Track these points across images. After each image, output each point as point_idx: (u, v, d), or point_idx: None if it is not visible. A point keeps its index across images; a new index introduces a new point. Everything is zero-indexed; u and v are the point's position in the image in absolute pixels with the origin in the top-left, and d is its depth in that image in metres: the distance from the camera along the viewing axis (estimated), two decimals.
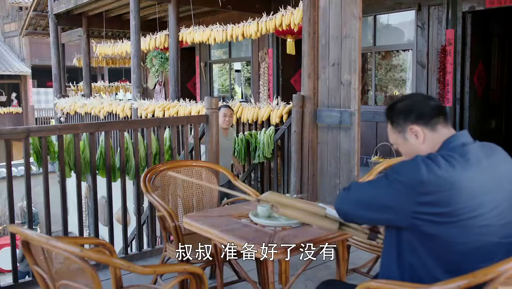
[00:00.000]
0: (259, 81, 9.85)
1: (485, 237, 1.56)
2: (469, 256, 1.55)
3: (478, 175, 1.57)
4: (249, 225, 2.23)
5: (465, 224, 1.53)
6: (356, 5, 4.63)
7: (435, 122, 1.68)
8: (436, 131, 1.68)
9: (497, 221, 1.58)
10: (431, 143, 1.68)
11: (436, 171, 1.53)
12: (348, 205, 1.72)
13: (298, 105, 5.08)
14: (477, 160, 1.60)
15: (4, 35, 22.64)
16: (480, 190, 1.56)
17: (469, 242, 1.54)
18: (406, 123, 1.70)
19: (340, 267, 2.35)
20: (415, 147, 1.70)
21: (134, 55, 7.84)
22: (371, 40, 7.87)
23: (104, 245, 1.87)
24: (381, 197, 1.62)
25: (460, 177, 1.54)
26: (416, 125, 1.68)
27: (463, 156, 1.59)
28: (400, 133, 1.73)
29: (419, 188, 1.53)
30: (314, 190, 5.17)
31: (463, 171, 1.55)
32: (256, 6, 8.67)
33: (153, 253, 3.88)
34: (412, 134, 1.70)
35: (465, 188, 1.53)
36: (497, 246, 1.58)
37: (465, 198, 1.52)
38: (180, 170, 3.07)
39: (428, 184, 1.52)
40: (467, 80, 6.83)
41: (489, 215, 1.56)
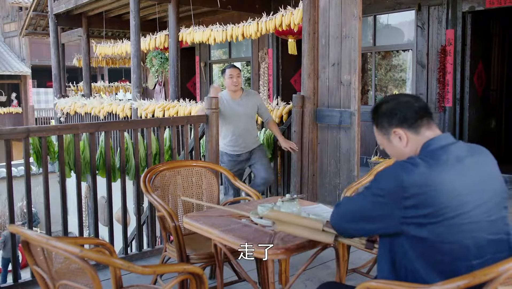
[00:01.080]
0: (259, 81, 9.85)
1: (474, 234, 1.57)
2: (460, 255, 1.56)
3: (459, 174, 1.59)
4: (249, 225, 2.23)
5: (450, 222, 1.55)
6: (356, 5, 4.64)
7: (418, 125, 1.70)
8: (419, 134, 1.70)
9: (485, 218, 1.59)
10: (414, 146, 1.71)
11: (415, 174, 1.56)
12: (341, 219, 1.80)
13: (298, 105, 5.08)
14: (458, 159, 1.62)
15: (4, 35, 22.64)
16: (463, 189, 1.57)
17: (457, 241, 1.56)
18: (390, 126, 1.73)
19: (340, 267, 2.35)
20: (399, 149, 1.74)
21: (134, 55, 7.84)
22: (371, 40, 7.87)
23: (104, 245, 1.87)
24: (368, 208, 1.67)
25: (440, 177, 1.56)
26: (399, 129, 1.71)
27: (441, 157, 1.62)
28: (384, 135, 1.77)
29: (402, 193, 1.56)
30: (314, 189, 5.17)
31: (442, 171, 1.57)
32: (256, 6, 8.67)
33: (153, 253, 3.88)
34: (396, 136, 1.73)
35: (446, 187, 1.55)
36: (487, 242, 1.59)
37: (447, 197, 1.54)
38: (180, 170, 3.07)
39: (409, 187, 1.55)
40: (467, 80, 6.83)
41: (474, 212, 1.57)
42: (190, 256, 2.64)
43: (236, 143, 4.62)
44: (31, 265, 1.78)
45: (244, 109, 4.65)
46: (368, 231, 1.74)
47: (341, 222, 1.79)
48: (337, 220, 1.81)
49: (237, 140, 4.61)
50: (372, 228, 1.70)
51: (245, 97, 4.68)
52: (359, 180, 3.01)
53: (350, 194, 2.91)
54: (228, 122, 4.59)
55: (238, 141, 4.61)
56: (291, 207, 2.25)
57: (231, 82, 4.57)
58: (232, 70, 4.60)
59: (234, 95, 4.63)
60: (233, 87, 4.58)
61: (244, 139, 4.64)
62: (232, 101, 4.60)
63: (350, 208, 1.76)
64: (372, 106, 1.84)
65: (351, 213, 1.75)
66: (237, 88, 4.61)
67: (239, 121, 4.61)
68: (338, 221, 1.81)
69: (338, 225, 1.81)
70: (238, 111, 4.61)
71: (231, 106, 4.59)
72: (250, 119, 4.70)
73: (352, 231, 1.79)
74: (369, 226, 1.68)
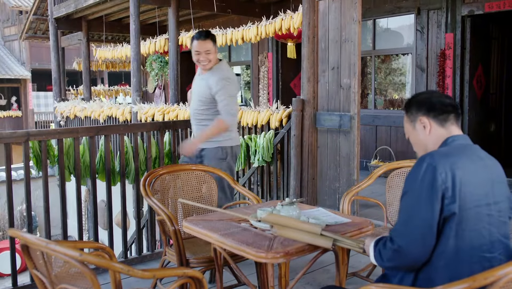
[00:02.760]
0: (259, 85, 9.86)
1: (490, 227, 1.65)
2: (477, 245, 1.63)
3: (482, 169, 1.69)
4: (249, 229, 2.23)
5: (476, 210, 1.63)
6: (356, 9, 4.65)
7: (445, 119, 1.78)
8: (443, 127, 1.78)
9: (498, 216, 1.68)
10: (436, 137, 1.79)
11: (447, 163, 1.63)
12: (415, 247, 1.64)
13: (297, 109, 5.08)
14: (479, 157, 1.73)
15: (4, 39, 22.67)
16: (486, 182, 1.67)
17: (478, 229, 1.63)
18: (418, 113, 1.82)
19: (339, 271, 2.35)
20: (421, 136, 1.82)
21: (134, 59, 7.85)
22: (371, 44, 7.88)
23: (104, 249, 1.87)
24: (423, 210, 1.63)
25: (468, 165, 1.66)
26: (425, 117, 1.80)
27: (466, 151, 1.72)
28: (411, 122, 1.85)
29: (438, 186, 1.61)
30: (313, 193, 5.17)
31: (470, 162, 1.67)
32: (256, 10, 8.69)
33: (153, 257, 3.87)
34: (421, 125, 1.81)
35: (475, 177, 1.65)
36: (498, 241, 1.67)
37: (475, 185, 1.64)
38: (180, 173, 3.07)
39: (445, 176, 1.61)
40: (466, 83, 6.84)
41: (493, 207, 1.66)
42: (189, 260, 2.63)
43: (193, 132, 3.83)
44: (30, 269, 1.78)
45: (196, 89, 3.67)
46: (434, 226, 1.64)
47: (416, 247, 1.64)
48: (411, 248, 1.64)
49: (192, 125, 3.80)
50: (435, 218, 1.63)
51: (208, 74, 3.58)
52: (359, 184, 3.01)
53: (349, 200, 2.90)
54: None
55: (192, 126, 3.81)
56: (291, 211, 2.25)
57: (197, 59, 3.54)
58: (200, 44, 3.48)
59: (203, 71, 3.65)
60: (200, 66, 3.60)
61: (194, 128, 3.78)
62: (197, 75, 3.72)
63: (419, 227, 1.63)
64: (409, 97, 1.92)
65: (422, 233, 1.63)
66: (206, 68, 3.57)
67: (192, 102, 3.72)
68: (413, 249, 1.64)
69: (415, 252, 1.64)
70: (194, 89, 3.72)
71: (195, 81, 3.73)
72: (199, 104, 3.63)
73: (431, 243, 1.65)
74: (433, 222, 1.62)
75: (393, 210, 3.01)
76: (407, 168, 2.98)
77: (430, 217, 1.61)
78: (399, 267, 1.70)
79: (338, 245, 1.98)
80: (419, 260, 1.65)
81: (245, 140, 5.62)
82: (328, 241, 1.95)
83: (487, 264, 1.63)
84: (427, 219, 1.61)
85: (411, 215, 1.65)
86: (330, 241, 1.95)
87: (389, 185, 3.04)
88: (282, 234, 2.04)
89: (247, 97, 10.97)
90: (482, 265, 1.63)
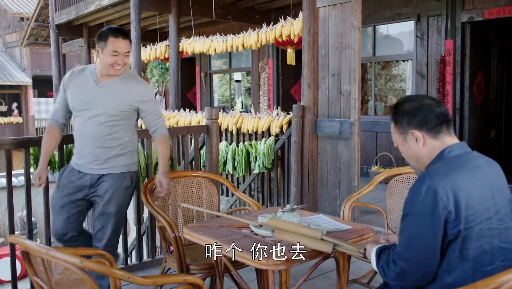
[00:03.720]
0: (259, 91, 9.87)
1: (491, 240, 1.61)
2: (479, 261, 1.60)
3: (482, 181, 1.64)
4: (250, 236, 2.23)
5: (479, 227, 1.59)
6: (356, 16, 4.66)
7: (438, 131, 1.71)
8: (437, 139, 1.71)
9: (499, 225, 1.63)
10: (429, 150, 1.72)
11: (447, 182, 1.58)
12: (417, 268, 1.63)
13: (298, 116, 5.09)
14: (477, 167, 1.67)
15: (6, 46, 22.73)
16: (485, 194, 1.63)
17: (481, 246, 1.60)
18: (409, 126, 1.73)
19: (340, 278, 2.34)
20: (413, 150, 1.75)
21: (134, 66, 7.87)
22: (371, 50, 7.90)
23: (104, 256, 1.87)
24: (425, 234, 1.60)
25: (468, 182, 1.61)
26: (417, 131, 1.72)
27: (464, 164, 1.66)
28: (401, 134, 1.77)
29: (440, 211, 1.57)
30: (314, 199, 5.16)
31: (469, 177, 1.62)
32: (256, 17, 8.72)
33: (153, 264, 3.86)
34: (413, 138, 1.73)
35: (475, 193, 1.60)
36: (499, 249, 1.63)
37: (476, 202, 1.59)
38: (180, 180, 3.07)
39: (445, 196, 1.57)
40: (466, 90, 6.85)
41: (494, 219, 1.62)
42: (190, 266, 2.63)
43: (77, 150, 2.94)
44: (31, 276, 1.77)
45: (100, 99, 2.83)
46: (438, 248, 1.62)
47: (418, 271, 1.62)
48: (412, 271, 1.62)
49: (78, 146, 2.93)
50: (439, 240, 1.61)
51: (121, 81, 2.88)
52: (360, 190, 3.01)
53: (350, 206, 2.90)
54: (74, 112, 2.91)
55: (78, 148, 2.93)
56: (292, 218, 2.25)
57: (112, 62, 2.78)
58: (120, 43, 2.78)
59: (101, 74, 2.86)
60: (112, 70, 2.82)
61: (83, 147, 2.90)
62: (93, 82, 2.86)
63: (422, 252, 1.60)
64: (394, 103, 1.83)
65: (424, 258, 1.61)
66: (118, 73, 2.85)
67: (87, 114, 2.84)
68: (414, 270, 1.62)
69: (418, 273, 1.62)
70: (90, 99, 2.84)
71: (87, 90, 2.84)
72: (108, 118, 2.84)
73: (434, 266, 1.63)
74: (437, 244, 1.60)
75: (393, 217, 3.01)
76: (407, 174, 2.98)
77: (432, 241, 1.58)
78: (404, 287, 1.70)
79: (338, 249, 1.98)
80: (422, 281, 1.64)
81: (246, 147, 5.63)
82: (328, 246, 1.95)
83: (488, 276, 1.61)
84: (430, 244, 1.58)
85: (413, 240, 1.62)
86: (330, 246, 1.94)
87: (390, 191, 3.04)
88: (283, 239, 2.04)
89: (248, 104, 10.98)
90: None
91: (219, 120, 4.24)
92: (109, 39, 2.76)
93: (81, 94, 2.85)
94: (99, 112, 2.82)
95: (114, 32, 2.79)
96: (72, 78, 2.91)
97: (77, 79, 2.89)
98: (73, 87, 2.88)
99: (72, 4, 9.79)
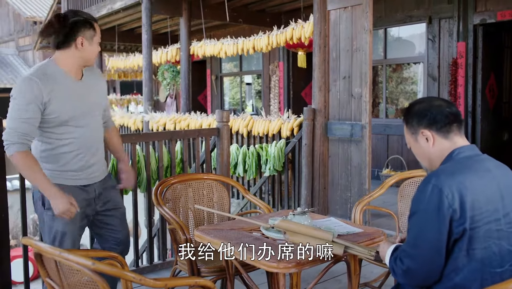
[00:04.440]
0: (270, 94, 9.88)
1: (500, 242, 1.62)
2: (487, 262, 1.60)
3: (490, 183, 1.65)
4: (261, 238, 2.23)
5: (486, 228, 1.59)
6: (367, 19, 4.65)
7: (448, 130, 1.73)
8: (448, 139, 1.74)
9: (508, 228, 1.64)
10: (440, 149, 1.75)
11: (454, 182, 1.59)
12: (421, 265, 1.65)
13: (309, 118, 5.08)
14: (487, 170, 1.68)
15: (19, 49, 22.98)
16: (494, 196, 1.63)
17: (489, 246, 1.60)
18: (419, 126, 1.77)
19: (351, 281, 2.33)
20: (424, 149, 1.78)
21: (146, 69, 7.92)
22: (382, 53, 7.87)
23: (115, 258, 1.88)
24: (430, 233, 1.61)
25: (475, 183, 1.61)
26: (427, 130, 1.75)
27: (473, 165, 1.68)
28: (413, 135, 1.81)
29: (445, 209, 1.58)
30: (325, 203, 5.15)
31: (477, 178, 1.63)
32: (267, 20, 8.74)
33: (164, 266, 3.88)
34: (423, 137, 1.77)
35: (483, 194, 1.61)
36: (508, 253, 1.63)
37: (484, 203, 1.60)
38: (191, 182, 3.08)
39: (451, 196, 1.58)
40: (478, 93, 6.79)
41: (502, 221, 1.62)
42: (201, 269, 2.63)
43: (79, 165, 2.52)
44: (43, 277, 1.79)
45: (93, 97, 2.57)
46: (443, 247, 1.63)
47: (424, 269, 1.63)
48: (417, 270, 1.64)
49: (81, 158, 2.53)
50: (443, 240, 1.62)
51: (93, 75, 2.62)
52: (371, 193, 3.00)
53: (361, 209, 2.89)
54: (67, 123, 2.45)
55: (81, 160, 2.53)
56: (302, 221, 2.25)
57: (97, 51, 2.54)
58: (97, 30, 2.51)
59: (75, 71, 2.51)
60: (92, 61, 2.57)
61: (92, 156, 2.58)
62: (73, 82, 2.49)
63: (428, 250, 1.62)
64: (406, 105, 1.86)
65: (430, 257, 1.62)
66: (91, 64, 2.58)
67: (86, 120, 2.52)
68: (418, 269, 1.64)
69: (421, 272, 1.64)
70: (86, 100, 2.53)
71: (77, 92, 2.48)
72: (99, 118, 2.64)
73: (440, 265, 1.64)
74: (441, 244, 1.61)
75: (405, 220, 2.99)
76: (419, 177, 2.96)
77: (437, 240, 1.59)
78: (410, 284, 1.71)
79: (349, 252, 1.97)
80: (429, 279, 1.65)
81: (256, 150, 5.63)
82: (339, 248, 1.95)
83: (498, 278, 1.60)
84: (435, 243, 1.60)
85: (418, 238, 1.63)
86: (342, 248, 1.94)
87: (401, 195, 3.02)
88: (294, 241, 2.05)
89: (258, 107, 10.99)
90: (493, 281, 1.60)
91: (229, 123, 4.24)
92: (95, 27, 2.49)
93: (73, 102, 2.44)
94: (96, 113, 2.59)
95: (93, 18, 2.52)
96: (49, 86, 2.36)
97: (54, 86, 2.38)
98: (58, 97, 2.38)
99: (84, 8, 9.88)
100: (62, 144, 2.45)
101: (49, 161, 2.45)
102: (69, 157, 2.47)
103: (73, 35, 2.42)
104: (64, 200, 2.35)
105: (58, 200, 2.34)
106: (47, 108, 2.36)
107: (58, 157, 2.46)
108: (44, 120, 2.39)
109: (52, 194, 2.35)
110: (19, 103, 2.33)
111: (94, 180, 2.59)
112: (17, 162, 2.32)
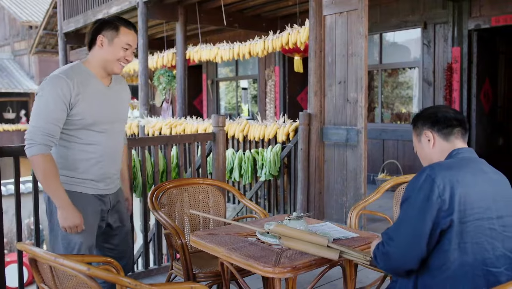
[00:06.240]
0: (266, 98, 9.89)
1: (493, 241, 1.65)
2: (479, 258, 1.63)
3: (484, 183, 1.69)
4: (256, 243, 2.23)
5: (477, 223, 1.63)
6: (362, 24, 4.67)
7: (449, 132, 1.81)
8: (448, 141, 1.81)
9: (502, 231, 1.67)
10: (439, 151, 1.82)
11: (447, 174, 1.64)
12: (403, 253, 1.68)
13: (304, 123, 5.09)
14: (483, 172, 1.73)
15: (14, 54, 22.93)
16: (488, 196, 1.67)
17: (481, 243, 1.63)
18: (423, 127, 1.86)
19: (347, 286, 2.33)
20: (426, 150, 1.86)
21: (141, 73, 7.91)
22: (377, 58, 7.90)
23: (111, 263, 1.87)
24: (414, 219, 1.66)
25: (471, 179, 1.66)
26: (429, 131, 1.83)
27: (470, 164, 1.73)
28: (418, 136, 1.90)
29: (434, 198, 1.62)
30: (321, 207, 5.15)
31: (472, 175, 1.68)
32: (263, 25, 8.75)
33: (160, 271, 3.87)
34: (426, 138, 1.85)
35: (477, 189, 1.65)
36: (503, 255, 1.66)
37: (475, 199, 1.64)
38: (187, 187, 3.08)
39: (443, 187, 1.62)
40: (473, 97, 6.83)
41: (496, 221, 1.65)
42: (196, 274, 2.63)
43: (98, 173, 2.45)
44: (38, 283, 1.78)
45: (117, 105, 2.52)
46: (425, 244, 1.65)
47: (400, 254, 1.67)
48: (396, 255, 1.68)
49: (102, 167, 2.45)
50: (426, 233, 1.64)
51: (120, 84, 2.58)
52: (366, 198, 3.00)
53: (357, 214, 2.89)
54: (91, 127, 2.38)
55: (102, 169, 2.46)
56: (298, 225, 2.25)
57: (120, 56, 2.40)
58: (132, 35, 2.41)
59: (104, 77, 2.46)
60: (117, 67, 2.42)
61: (112, 166, 2.52)
62: (103, 86, 2.44)
63: (407, 235, 1.66)
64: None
65: (408, 242, 1.66)
66: (119, 71, 2.47)
67: (109, 127, 2.46)
68: (401, 255, 1.67)
69: (401, 260, 1.67)
70: (112, 107, 2.48)
71: (106, 97, 2.44)
72: (123, 127, 2.62)
73: (418, 251, 1.66)
74: (425, 237, 1.64)
75: None
76: None
77: (420, 227, 1.63)
78: (386, 269, 1.76)
79: (345, 257, 1.98)
80: (404, 265, 1.68)
81: (252, 154, 5.63)
82: (335, 253, 1.95)
83: (492, 278, 1.63)
84: (417, 229, 1.64)
85: (403, 222, 1.69)
86: (337, 253, 1.95)
87: (397, 199, 3.02)
88: (290, 246, 2.05)
89: (254, 111, 11.00)
90: (486, 279, 1.63)
91: (225, 128, 4.24)
92: (121, 29, 2.37)
93: (100, 106, 2.38)
94: (119, 122, 2.52)
95: (126, 22, 2.41)
96: (78, 86, 2.29)
97: (83, 86, 2.32)
98: (85, 98, 2.31)
99: (80, 13, 9.88)
100: (82, 149, 2.36)
101: (67, 167, 2.36)
102: (88, 164, 2.38)
103: (95, 34, 2.38)
104: (76, 214, 2.28)
105: (69, 213, 2.28)
106: (73, 109, 2.29)
107: (77, 163, 2.37)
108: (67, 122, 2.30)
109: (65, 206, 2.28)
110: (46, 102, 2.24)
111: (110, 190, 2.52)
112: (38, 164, 2.22)
